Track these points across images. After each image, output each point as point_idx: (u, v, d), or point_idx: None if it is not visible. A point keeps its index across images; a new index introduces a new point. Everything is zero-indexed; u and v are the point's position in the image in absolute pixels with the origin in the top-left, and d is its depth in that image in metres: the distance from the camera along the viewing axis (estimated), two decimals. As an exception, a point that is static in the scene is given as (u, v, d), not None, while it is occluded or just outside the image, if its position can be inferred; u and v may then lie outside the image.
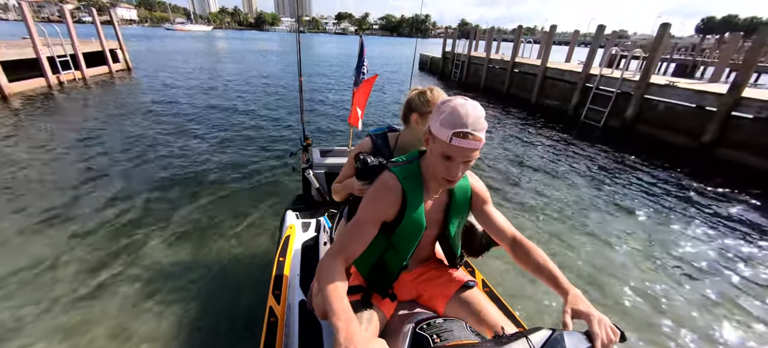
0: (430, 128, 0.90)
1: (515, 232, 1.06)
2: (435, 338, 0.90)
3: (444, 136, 0.84)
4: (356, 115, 2.90)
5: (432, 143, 0.91)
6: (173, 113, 7.70)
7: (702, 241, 3.64)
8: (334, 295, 0.80)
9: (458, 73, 15.68)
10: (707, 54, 23.91)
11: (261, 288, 2.25)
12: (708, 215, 4.20)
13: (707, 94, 5.99)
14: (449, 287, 1.15)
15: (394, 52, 37.49)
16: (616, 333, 0.79)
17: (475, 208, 1.13)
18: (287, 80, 13.85)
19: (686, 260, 3.27)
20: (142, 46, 27.59)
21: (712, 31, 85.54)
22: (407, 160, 1.05)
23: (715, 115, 5.81)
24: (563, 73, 9.37)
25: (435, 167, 0.93)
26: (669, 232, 3.77)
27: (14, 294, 2.42)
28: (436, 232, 1.13)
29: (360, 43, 3.02)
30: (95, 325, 2.21)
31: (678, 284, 2.92)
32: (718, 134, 5.80)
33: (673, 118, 6.62)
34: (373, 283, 1.12)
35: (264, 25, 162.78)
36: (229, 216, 3.59)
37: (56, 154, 4.96)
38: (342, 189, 1.33)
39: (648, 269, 3.10)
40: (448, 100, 0.88)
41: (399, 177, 0.99)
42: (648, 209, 4.28)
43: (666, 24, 6.70)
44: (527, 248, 1.00)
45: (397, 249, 1.04)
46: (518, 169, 5.45)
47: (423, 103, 1.20)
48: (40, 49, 8.69)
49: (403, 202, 0.98)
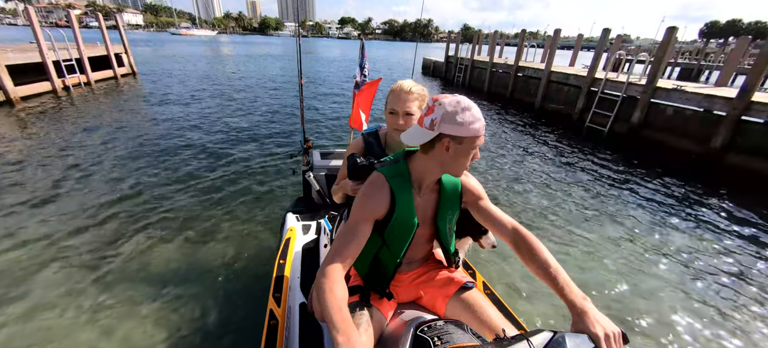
0: (453, 133, 0.89)
1: (517, 226, 1.05)
2: (436, 341, 0.89)
3: (475, 133, 0.89)
4: (359, 118, 2.87)
5: (456, 145, 0.91)
6: (176, 116, 7.75)
7: (710, 250, 3.53)
8: (334, 307, 0.78)
9: (461, 77, 15.65)
10: (712, 58, 23.77)
11: (261, 290, 2.25)
12: (717, 223, 4.09)
13: (716, 98, 5.88)
14: (449, 288, 1.16)
15: (396, 56, 37.59)
16: (621, 336, 0.77)
17: (471, 206, 1.14)
18: (288, 83, 13.93)
19: (693, 271, 3.17)
20: (148, 50, 27.91)
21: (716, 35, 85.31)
22: (394, 159, 1.08)
23: (725, 120, 5.70)
24: (568, 77, 9.30)
25: (458, 165, 0.95)
26: (676, 240, 3.67)
27: (14, 293, 2.41)
28: (430, 230, 1.14)
29: (361, 46, 3.02)
30: (95, 325, 2.21)
31: (683, 297, 2.82)
32: (728, 139, 5.69)
33: (680, 123, 6.51)
34: (370, 283, 1.14)
35: (268, 30, 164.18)
36: (230, 218, 3.59)
37: (57, 155, 4.96)
38: (339, 190, 1.37)
39: (651, 280, 3.00)
40: (451, 103, 0.89)
41: (386, 176, 1.01)
42: (654, 216, 4.18)
43: (673, 27, 6.62)
44: (531, 245, 0.98)
45: (391, 246, 1.06)
46: (522, 174, 5.38)
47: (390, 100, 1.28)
48: (46, 53, 8.76)
49: (391, 199, 1.00)
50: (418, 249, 1.20)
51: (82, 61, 10.20)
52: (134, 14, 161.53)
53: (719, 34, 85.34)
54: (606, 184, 5.12)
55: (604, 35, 8.46)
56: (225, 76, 15.15)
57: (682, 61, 24.43)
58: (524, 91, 11.27)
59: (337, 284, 0.83)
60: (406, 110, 1.23)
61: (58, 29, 9.70)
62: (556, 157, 6.28)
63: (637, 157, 6.38)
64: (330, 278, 0.84)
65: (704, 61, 23.61)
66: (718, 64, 21.25)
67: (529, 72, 11.13)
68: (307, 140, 2.91)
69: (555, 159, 6.19)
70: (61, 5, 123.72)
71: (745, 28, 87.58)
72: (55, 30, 9.73)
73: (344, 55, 33.56)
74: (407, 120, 1.25)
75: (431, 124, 0.90)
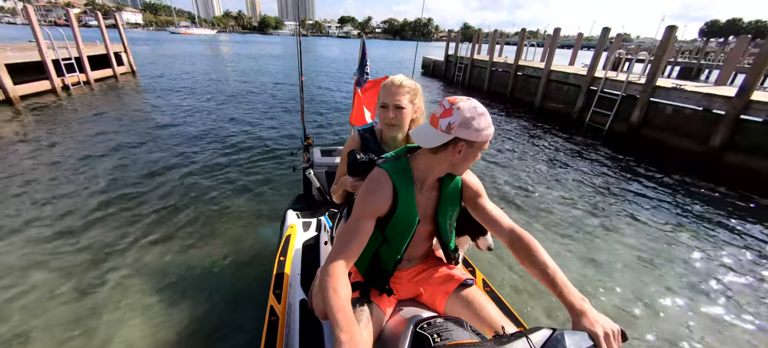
0: (468, 137, 0.90)
1: (513, 226, 1.04)
2: (435, 338, 0.90)
3: (487, 138, 0.92)
4: (362, 115, 2.85)
5: (468, 149, 0.93)
6: (175, 114, 7.74)
7: (709, 249, 3.54)
8: (338, 307, 0.78)
9: (461, 76, 15.64)
10: (712, 57, 23.77)
11: (262, 287, 2.25)
12: (715, 222, 4.10)
13: (716, 97, 5.89)
14: (448, 284, 1.16)
15: (396, 54, 37.56)
16: (620, 334, 0.79)
17: (468, 202, 1.14)
18: (288, 81, 13.89)
19: (692, 270, 3.17)
20: (147, 49, 27.83)
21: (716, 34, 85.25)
22: (395, 156, 1.08)
23: (724, 119, 5.71)
24: (568, 76, 9.30)
25: (465, 166, 0.99)
26: (675, 239, 3.67)
27: (13, 294, 2.41)
28: (430, 227, 1.15)
29: (362, 44, 3.02)
30: (95, 324, 2.21)
31: (682, 296, 2.83)
32: (727, 138, 5.70)
33: (680, 122, 6.52)
34: (370, 279, 1.14)
35: (267, 29, 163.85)
36: (230, 215, 3.59)
37: (56, 156, 4.95)
38: (338, 188, 1.35)
39: (650, 279, 3.01)
40: (469, 108, 0.90)
41: (389, 172, 1.01)
42: (653, 215, 4.18)
43: (672, 27, 6.62)
44: (528, 244, 0.97)
45: (392, 243, 1.06)
46: (521, 172, 5.38)
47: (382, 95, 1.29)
48: (46, 52, 8.72)
49: (394, 196, 1.00)
50: (418, 246, 1.20)
51: (81, 60, 10.17)
52: (133, 13, 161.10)
53: (719, 33, 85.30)
54: (606, 183, 5.13)
55: (604, 34, 8.46)
56: (224, 74, 15.12)
57: (682, 60, 24.43)
58: (524, 90, 11.26)
59: (341, 284, 0.83)
60: (396, 103, 1.24)
61: (57, 28, 9.67)
62: (555, 156, 6.28)
63: (636, 155, 6.39)
64: (334, 277, 0.84)
65: (704, 60, 23.62)
66: (717, 63, 21.24)
67: (529, 71, 11.12)
68: (308, 137, 2.91)
69: (554, 157, 6.19)
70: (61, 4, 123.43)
71: (745, 27, 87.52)
72: (55, 29, 9.70)
73: (344, 54, 33.49)
74: (398, 114, 1.26)
75: (448, 127, 0.90)
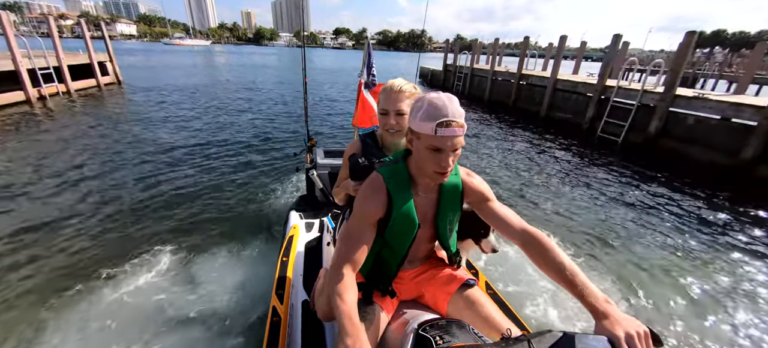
0: (412, 127, 0.92)
1: (526, 226, 0.99)
2: (438, 340, 0.87)
3: (428, 130, 0.86)
4: (368, 118, 2.72)
5: (417, 142, 0.92)
6: (174, 116, 7.65)
7: (743, 270, 3.10)
8: (345, 314, 0.81)
9: (461, 86, 15.32)
10: (706, 66, 24.04)
11: (264, 288, 2.27)
12: (751, 242, 3.62)
13: (745, 106, 5.49)
14: (450, 285, 1.14)
15: (393, 65, 37.60)
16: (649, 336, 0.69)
17: (476, 206, 1.10)
18: (288, 90, 13.81)
19: (726, 295, 2.76)
20: (136, 59, 27.43)
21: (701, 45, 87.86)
22: (393, 159, 1.06)
23: (757, 130, 5.29)
24: (576, 85, 8.94)
25: (424, 164, 0.93)
26: (706, 261, 3.23)
27: (12, 292, 2.41)
28: (431, 230, 1.12)
29: (367, 45, 2.94)
30: (95, 324, 2.17)
31: (716, 325, 2.42)
32: (761, 151, 5.27)
33: (703, 133, 6.11)
34: (372, 281, 1.13)
35: (263, 40, 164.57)
36: (232, 216, 3.58)
37: (39, 166, 4.53)
38: (340, 190, 1.33)
39: (680, 309, 2.57)
40: (421, 96, 0.91)
41: (384, 177, 1.00)
42: (684, 233, 3.73)
43: (692, 32, 6.27)
44: (542, 245, 0.92)
45: (393, 246, 1.06)
46: (529, 185, 4.92)
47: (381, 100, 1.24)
48: (20, 61, 8.13)
49: (388, 200, 0.99)
50: (420, 248, 1.19)
51: (61, 69, 9.59)
52: (128, 24, 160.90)
53: (704, 44, 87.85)
54: (626, 197, 4.66)
55: (615, 41, 8.13)
56: (219, 84, 14.75)
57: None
58: (528, 100, 10.90)
59: (348, 291, 0.86)
60: (397, 109, 1.19)
61: (36, 37, 9.14)
62: (566, 168, 5.82)
63: (656, 168, 5.93)
64: (342, 282, 0.87)
65: (699, 70, 23.81)
66: (713, 72, 21.40)
67: (534, 80, 10.79)
68: (311, 138, 2.91)
69: (566, 170, 5.73)
70: (54, 16, 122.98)
71: (730, 38, 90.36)
72: (32, 38, 9.17)
73: (340, 66, 33.23)
74: (399, 120, 1.21)
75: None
